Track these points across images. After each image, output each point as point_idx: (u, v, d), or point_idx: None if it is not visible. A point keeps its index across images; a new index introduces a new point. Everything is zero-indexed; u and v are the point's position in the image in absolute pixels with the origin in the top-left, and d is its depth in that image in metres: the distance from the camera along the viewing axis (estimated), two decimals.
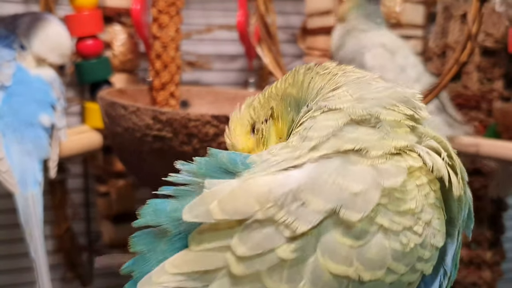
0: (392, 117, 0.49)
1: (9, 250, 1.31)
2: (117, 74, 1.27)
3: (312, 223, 0.44)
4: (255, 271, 0.44)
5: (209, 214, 0.45)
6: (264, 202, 0.44)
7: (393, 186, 0.45)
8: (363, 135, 0.48)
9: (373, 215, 0.44)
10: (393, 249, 0.45)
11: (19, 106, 1.02)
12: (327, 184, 0.45)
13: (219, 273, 0.44)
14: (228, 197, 0.45)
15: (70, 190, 1.32)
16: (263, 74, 1.44)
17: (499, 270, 1.37)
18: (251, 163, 0.48)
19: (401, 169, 0.47)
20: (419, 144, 0.50)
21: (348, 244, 0.44)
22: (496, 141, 1.13)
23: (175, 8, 1.10)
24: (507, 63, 1.30)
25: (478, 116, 1.32)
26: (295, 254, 0.44)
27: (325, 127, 0.49)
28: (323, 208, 0.44)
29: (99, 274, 1.40)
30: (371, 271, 0.44)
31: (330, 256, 0.44)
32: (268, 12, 1.15)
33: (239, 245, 0.44)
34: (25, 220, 0.98)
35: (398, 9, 1.40)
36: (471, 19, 0.95)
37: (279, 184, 0.45)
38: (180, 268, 0.45)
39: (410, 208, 0.46)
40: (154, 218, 0.48)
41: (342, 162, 0.46)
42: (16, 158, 0.99)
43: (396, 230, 0.45)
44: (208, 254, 0.45)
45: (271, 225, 0.44)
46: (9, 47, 1.06)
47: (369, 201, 0.44)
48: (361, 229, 0.44)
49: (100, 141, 1.22)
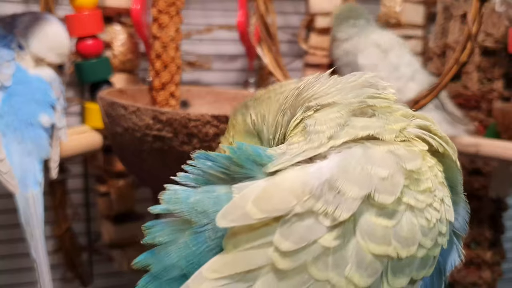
0: (384, 104, 0.53)
1: (10, 250, 1.31)
2: (117, 74, 1.27)
3: (352, 209, 0.45)
4: (301, 263, 0.45)
5: (247, 216, 0.45)
6: (301, 195, 0.45)
7: (414, 169, 0.48)
8: (370, 123, 0.51)
9: (400, 196, 0.47)
10: (421, 225, 0.48)
11: (19, 106, 1.02)
12: (357, 171, 0.47)
13: (263, 271, 0.45)
14: (262, 196, 0.46)
15: (70, 190, 1.32)
16: (263, 74, 1.44)
17: (499, 270, 1.37)
18: (272, 155, 0.49)
19: (415, 153, 0.50)
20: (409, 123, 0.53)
21: (384, 225, 0.46)
22: (496, 141, 1.13)
23: (175, 8, 1.10)
24: (507, 63, 1.30)
25: (478, 116, 1.32)
26: (337, 241, 0.45)
27: (330, 119, 0.51)
28: (359, 194, 0.46)
29: (99, 274, 1.41)
30: (407, 248, 0.47)
31: (369, 238, 0.46)
32: (268, 12, 1.15)
33: (281, 240, 0.45)
34: (26, 220, 0.98)
35: (398, 9, 1.41)
36: (471, 19, 0.95)
37: (313, 176, 0.46)
38: (220, 272, 0.45)
39: (428, 187, 0.49)
40: (176, 206, 0.48)
41: (363, 149, 0.48)
42: (16, 158, 0.99)
43: (421, 207, 0.48)
44: (248, 254, 0.45)
45: (311, 217, 0.45)
46: (8, 47, 1.05)
47: (396, 184, 0.47)
48: (392, 209, 0.46)
49: (100, 141, 1.22)
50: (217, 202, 0.47)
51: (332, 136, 0.49)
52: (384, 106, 0.53)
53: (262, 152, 0.49)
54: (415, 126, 0.53)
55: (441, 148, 0.52)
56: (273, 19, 1.20)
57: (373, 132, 0.49)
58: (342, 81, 0.56)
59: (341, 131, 0.50)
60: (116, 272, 1.37)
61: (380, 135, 0.50)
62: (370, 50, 1.29)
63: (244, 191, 0.46)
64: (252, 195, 0.46)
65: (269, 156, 0.49)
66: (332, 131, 0.50)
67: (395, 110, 0.53)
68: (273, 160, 0.48)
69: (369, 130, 0.50)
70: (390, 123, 0.51)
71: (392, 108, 0.53)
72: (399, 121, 0.52)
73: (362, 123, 0.51)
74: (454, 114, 1.22)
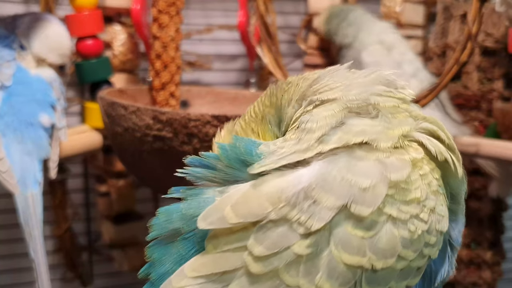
0: (390, 103, 0.51)
1: (9, 250, 1.31)
2: (117, 74, 1.27)
3: (325, 219, 0.45)
4: (273, 268, 0.45)
5: (224, 219, 0.46)
6: (277, 202, 0.46)
7: (399, 179, 0.47)
8: (368, 127, 0.49)
9: (381, 206, 0.46)
10: (402, 237, 0.47)
11: (19, 106, 1.02)
12: (337, 181, 0.46)
13: (238, 273, 0.46)
14: (240, 201, 0.47)
15: (70, 190, 1.32)
16: (263, 74, 1.44)
17: (499, 270, 1.37)
18: (260, 154, 0.49)
19: (406, 162, 0.48)
20: (416, 127, 0.51)
21: (360, 235, 0.46)
22: (496, 141, 1.13)
23: (175, 8, 1.10)
24: (507, 63, 1.30)
25: (478, 116, 1.32)
26: (310, 249, 0.45)
27: (324, 118, 0.50)
28: (334, 205, 0.46)
29: (99, 274, 1.41)
30: (383, 260, 0.46)
31: (343, 248, 0.45)
32: (268, 12, 1.15)
33: (255, 245, 0.46)
34: (25, 220, 0.98)
35: (398, 9, 1.41)
36: (471, 19, 0.95)
37: (290, 184, 0.47)
38: (199, 271, 0.47)
39: (415, 197, 0.48)
40: (165, 227, 0.49)
41: (349, 157, 0.47)
42: (16, 158, 0.99)
43: (404, 218, 0.47)
44: (225, 256, 0.46)
45: (285, 224, 0.46)
46: (9, 47, 1.06)
47: (377, 195, 0.46)
48: (371, 220, 0.46)
49: (100, 141, 1.22)
50: (204, 205, 0.48)
51: (322, 139, 0.48)
52: (389, 106, 0.51)
53: (253, 150, 0.49)
54: (420, 130, 0.51)
55: (441, 156, 0.50)
56: (273, 19, 1.20)
57: (367, 138, 0.48)
58: (353, 76, 0.54)
59: (332, 135, 0.49)
60: (116, 272, 1.36)
61: (374, 142, 0.48)
62: (374, 47, 1.28)
63: (225, 195, 0.48)
64: (232, 199, 0.47)
65: (259, 155, 0.49)
66: (323, 132, 0.49)
67: (402, 111, 0.51)
68: (260, 159, 0.48)
69: (363, 136, 0.48)
70: (392, 127, 0.50)
71: (399, 109, 0.51)
72: (403, 124, 0.50)
73: (360, 126, 0.49)
74: (452, 116, 1.22)
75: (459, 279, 1.34)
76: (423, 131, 0.52)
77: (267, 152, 0.49)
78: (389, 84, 0.53)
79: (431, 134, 0.52)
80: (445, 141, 0.52)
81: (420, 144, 0.50)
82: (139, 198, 1.35)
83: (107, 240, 1.33)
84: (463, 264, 1.34)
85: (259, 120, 0.58)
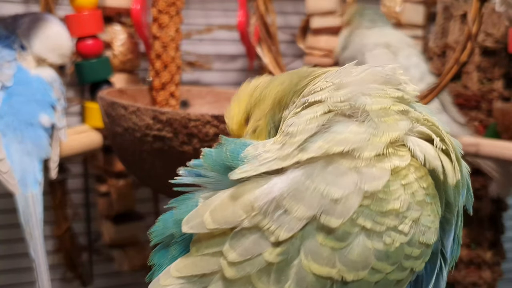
0: (379, 106, 0.48)
1: (9, 250, 1.31)
2: (117, 74, 1.27)
3: (293, 230, 0.46)
4: (245, 274, 0.46)
5: (203, 224, 0.48)
6: (250, 210, 0.47)
7: (375, 189, 0.46)
8: (352, 134, 0.47)
9: (354, 217, 0.45)
10: (376, 249, 0.46)
11: (19, 106, 1.02)
12: (309, 191, 0.46)
13: (215, 277, 0.47)
14: (218, 207, 0.48)
15: (70, 190, 1.32)
16: (263, 74, 1.44)
17: (499, 270, 1.37)
18: (244, 158, 0.49)
19: (385, 171, 0.46)
20: (411, 131, 0.49)
21: (330, 246, 0.45)
22: (496, 141, 1.13)
23: (175, 8, 1.10)
24: (507, 63, 1.30)
25: (478, 116, 1.32)
26: (280, 257, 0.46)
27: (306, 122, 0.49)
28: (304, 215, 0.46)
29: (99, 274, 1.41)
30: (354, 272, 0.45)
31: (313, 258, 0.45)
32: (268, 12, 1.15)
33: (229, 251, 0.47)
34: (25, 220, 0.98)
35: (398, 9, 1.40)
36: (471, 19, 0.95)
37: (263, 193, 0.47)
38: (181, 271, 0.48)
39: (393, 208, 0.46)
40: (162, 233, 0.51)
41: (325, 167, 0.46)
42: (16, 157, 0.99)
43: (379, 230, 0.46)
44: (204, 259, 0.48)
45: (257, 232, 0.46)
46: (10, 48, 1.06)
47: (349, 206, 0.45)
48: (343, 231, 0.45)
49: (100, 141, 1.22)
50: (191, 209, 0.49)
51: (303, 147, 0.47)
52: (377, 108, 0.48)
53: (240, 153, 0.50)
54: (415, 134, 0.49)
55: (429, 164, 0.48)
56: (273, 19, 1.20)
57: (348, 147, 0.46)
58: (348, 74, 0.51)
59: (314, 142, 0.47)
60: (116, 272, 1.36)
61: (357, 152, 0.46)
62: (380, 50, 1.28)
63: (207, 200, 0.49)
64: (211, 205, 0.48)
65: (242, 159, 0.49)
66: (304, 138, 0.48)
67: (393, 114, 0.48)
68: (243, 164, 0.49)
69: (345, 145, 0.46)
70: (379, 133, 0.47)
71: (389, 111, 0.48)
72: (391, 129, 0.47)
73: (344, 134, 0.47)
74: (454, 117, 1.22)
75: (459, 279, 1.34)
76: (418, 135, 0.49)
77: (251, 156, 0.49)
78: (386, 81, 0.50)
79: (427, 139, 0.49)
80: (439, 146, 0.49)
81: (409, 149, 0.48)
82: (139, 198, 1.35)
83: (107, 240, 1.33)
84: (463, 264, 1.34)
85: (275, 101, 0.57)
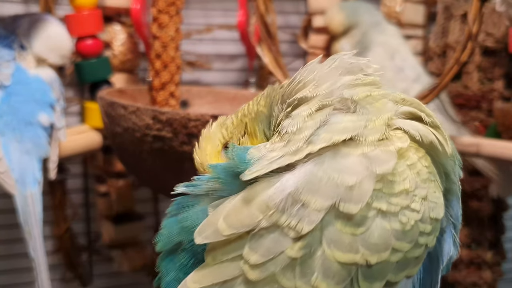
0: (364, 94, 0.51)
1: (9, 250, 1.31)
2: (117, 74, 1.27)
3: (315, 221, 0.46)
4: (269, 273, 0.46)
5: (218, 232, 0.48)
6: (266, 210, 0.47)
7: (385, 172, 0.47)
8: (351, 122, 0.49)
9: (370, 201, 0.46)
10: (394, 230, 0.47)
11: (18, 105, 1.02)
12: (323, 182, 0.47)
13: (237, 281, 0.47)
14: (231, 212, 0.48)
15: (70, 190, 1.32)
16: (263, 74, 1.44)
17: (500, 271, 1.37)
18: (251, 160, 0.50)
19: (391, 153, 0.48)
20: (396, 112, 0.51)
21: (351, 233, 0.46)
22: (496, 141, 1.13)
23: (175, 8, 1.10)
24: (507, 63, 1.30)
25: (478, 116, 1.31)
26: (303, 251, 0.46)
27: (302, 119, 0.50)
28: (322, 206, 0.46)
29: (99, 274, 1.40)
30: (377, 254, 0.46)
31: (335, 247, 0.46)
32: (268, 12, 1.15)
33: (250, 253, 0.47)
34: (24, 220, 0.98)
35: (399, 9, 1.41)
36: (471, 19, 0.95)
37: (277, 190, 0.47)
38: (200, 282, 0.48)
39: (404, 188, 0.48)
40: (168, 241, 0.51)
41: (334, 156, 0.48)
42: (15, 157, 0.99)
43: (394, 211, 0.47)
44: (223, 266, 0.48)
45: (276, 230, 0.47)
46: (9, 47, 1.06)
47: (365, 191, 0.46)
48: (361, 216, 0.46)
49: (100, 141, 1.21)
50: (200, 217, 0.50)
51: (310, 140, 0.49)
52: (363, 96, 0.51)
53: (245, 156, 0.50)
54: (401, 115, 0.51)
55: (426, 139, 0.50)
56: (273, 19, 1.20)
57: (351, 134, 0.48)
58: (320, 68, 0.54)
59: (318, 134, 0.49)
60: (116, 272, 1.36)
61: (360, 137, 0.48)
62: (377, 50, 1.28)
63: (217, 208, 0.49)
64: (224, 212, 0.48)
65: (250, 161, 0.50)
66: (309, 132, 0.49)
67: (379, 98, 0.51)
68: (251, 165, 0.49)
69: (347, 133, 0.48)
70: (373, 119, 0.49)
71: (374, 97, 0.51)
72: (382, 112, 0.50)
73: (342, 123, 0.49)
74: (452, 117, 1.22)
75: (459, 279, 1.34)
76: (404, 115, 0.51)
77: (257, 156, 0.50)
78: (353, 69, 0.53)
79: (413, 117, 0.51)
80: (427, 121, 0.51)
81: (403, 131, 0.50)
82: (139, 198, 1.35)
83: (107, 240, 1.33)
84: (464, 264, 1.34)
85: (253, 118, 0.59)
